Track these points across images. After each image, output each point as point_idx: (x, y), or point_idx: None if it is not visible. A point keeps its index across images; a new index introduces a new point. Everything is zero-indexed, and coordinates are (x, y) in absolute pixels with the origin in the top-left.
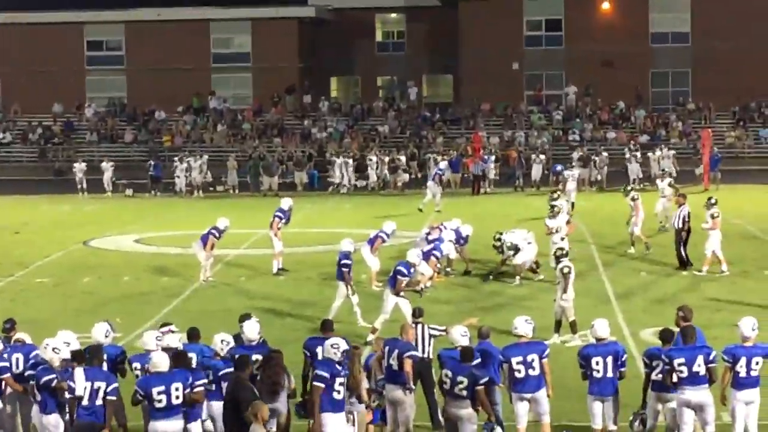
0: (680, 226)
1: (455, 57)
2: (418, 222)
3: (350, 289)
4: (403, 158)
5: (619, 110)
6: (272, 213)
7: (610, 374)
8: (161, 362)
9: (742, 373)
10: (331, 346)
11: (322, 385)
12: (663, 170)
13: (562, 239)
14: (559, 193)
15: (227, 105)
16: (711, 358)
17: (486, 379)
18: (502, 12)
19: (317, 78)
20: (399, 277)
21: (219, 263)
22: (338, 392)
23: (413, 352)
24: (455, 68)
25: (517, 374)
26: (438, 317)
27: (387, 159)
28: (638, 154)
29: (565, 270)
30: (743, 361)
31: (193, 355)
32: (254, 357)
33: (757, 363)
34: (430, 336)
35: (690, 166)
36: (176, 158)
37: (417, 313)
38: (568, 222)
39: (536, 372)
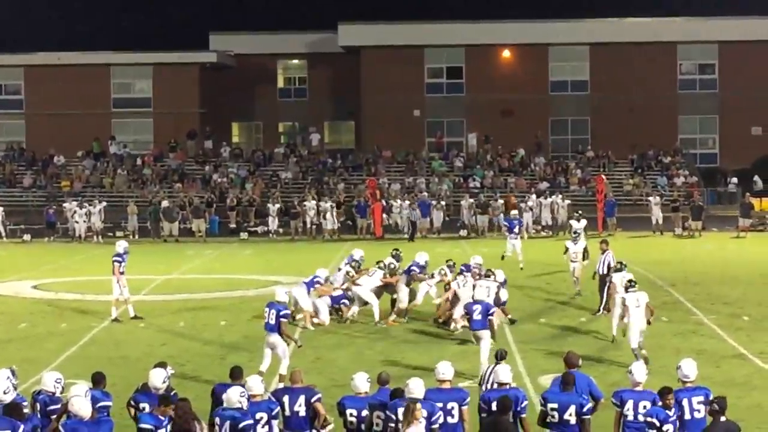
0: (605, 272)
1: (357, 103)
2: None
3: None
4: (312, 202)
5: (520, 157)
6: (172, 259)
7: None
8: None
9: (630, 417)
10: (240, 394)
11: None
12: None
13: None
14: None
15: (127, 150)
16: (584, 410)
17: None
18: (403, 59)
19: (218, 123)
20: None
21: (119, 309)
22: None
23: (320, 395)
24: (357, 115)
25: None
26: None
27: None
28: (531, 203)
29: None
30: (630, 404)
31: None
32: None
33: (644, 407)
34: None
35: (590, 212)
36: (67, 203)
37: (500, 355)
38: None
39: (455, 420)
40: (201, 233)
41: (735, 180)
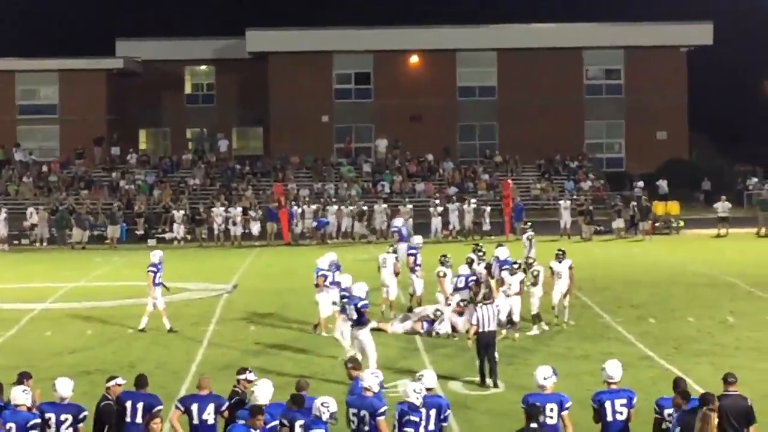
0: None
1: (265, 109)
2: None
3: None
4: (220, 209)
5: (428, 163)
6: (80, 266)
7: (432, 427)
8: None
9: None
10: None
11: None
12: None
13: None
14: None
15: (33, 157)
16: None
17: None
18: (311, 65)
19: (126, 130)
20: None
21: (25, 317)
22: None
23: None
24: (265, 120)
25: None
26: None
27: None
28: (440, 208)
29: None
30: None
31: None
32: (63, 417)
33: (551, 410)
34: None
35: (496, 217)
36: None
37: None
38: None
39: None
40: (110, 240)
41: (641, 184)
